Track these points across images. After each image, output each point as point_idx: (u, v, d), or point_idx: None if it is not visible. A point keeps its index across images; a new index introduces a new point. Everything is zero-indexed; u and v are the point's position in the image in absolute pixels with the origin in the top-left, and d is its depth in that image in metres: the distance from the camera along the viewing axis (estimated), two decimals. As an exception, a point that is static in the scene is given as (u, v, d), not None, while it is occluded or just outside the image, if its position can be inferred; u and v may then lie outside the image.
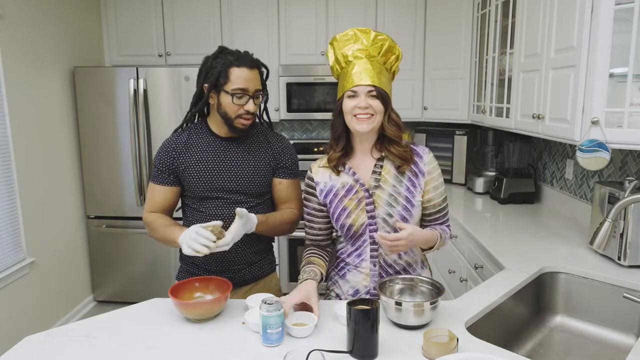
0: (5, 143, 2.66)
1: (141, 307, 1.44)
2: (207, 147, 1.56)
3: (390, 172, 1.43)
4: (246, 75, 1.47)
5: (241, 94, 1.47)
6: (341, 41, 1.41)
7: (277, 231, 1.62)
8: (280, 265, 3.54)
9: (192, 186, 1.55)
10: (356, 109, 1.35)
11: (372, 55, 1.38)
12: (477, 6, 3.09)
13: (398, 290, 1.39)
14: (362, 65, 1.37)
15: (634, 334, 1.57)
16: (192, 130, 1.59)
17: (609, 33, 1.64)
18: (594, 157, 1.70)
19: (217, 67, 1.48)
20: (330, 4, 3.51)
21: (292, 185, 1.66)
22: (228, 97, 1.47)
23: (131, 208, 3.41)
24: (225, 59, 1.48)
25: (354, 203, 1.43)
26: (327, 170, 1.48)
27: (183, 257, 1.67)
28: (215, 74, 1.47)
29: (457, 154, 3.42)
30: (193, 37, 3.56)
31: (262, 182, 1.59)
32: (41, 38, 2.96)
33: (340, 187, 1.45)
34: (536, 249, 1.94)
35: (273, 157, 1.61)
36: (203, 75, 1.52)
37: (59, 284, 3.16)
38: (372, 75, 1.36)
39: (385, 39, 1.40)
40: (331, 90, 3.51)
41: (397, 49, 1.43)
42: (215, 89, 1.49)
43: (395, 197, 1.41)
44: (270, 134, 1.65)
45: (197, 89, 1.56)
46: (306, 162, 4.36)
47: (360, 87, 1.35)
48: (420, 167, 1.44)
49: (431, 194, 1.44)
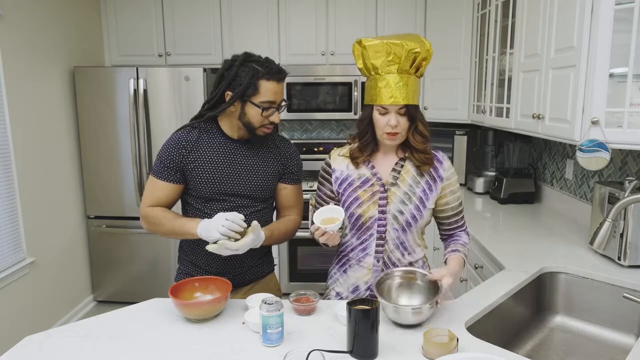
0: (5, 143, 2.66)
1: (141, 307, 1.44)
2: (218, 148, 1.53)
3: (410, 172, 1.45)
4: (275, 88, 1.46)
5: (269, 106, 1.46)
6: (370, 51, 1.35)
7: (279, 242, 1.62)
8: (280, 265, 3.54)
9: (198, 186, 1.52)
10: (387, 127, 1.36)
11: (404, 70, 1.34)
12: (477, 6, 3.09)
13: (396, 285, 1.39)
14: (392, 81, 1.33)
15: (634, 334, 1.57)
16: (203, 129, 1.54)
17: (609, 33, 1.64)
18: (594, 157, 1.70)
19: (245, 77, 1.43)
20: (330, 4, 3.51)
21: (296, 191, 1.66)
22: (255, 109, 1.45)
23: (131, 208, 3.41)
24: (253, 70, 1.43)
25: (367, 195, 1.44)
26: (346, 159, 1.50)
27: (182, 258, 1.67)
28: (244, 85, 1.43)
29: (457, 154, 3.42)
30: (193, 37, 3.56)
31: (268, 187, 1.59)
32: (41, 38, 2.96)
33: (357, 177, 1.47)
34: (536, 249, 1.94)
35: (280, 163, 1.61)
36: (227, 81, 1.46)
37: (59, 284, 3.16)
38: (402, 93, 1.34)
39: (418, 52, 1.33)
40: (331, 91, 3.51)
41: (429, 54, 1.37)
42: (241, 99, 1.46)
43: (409, 196, 1.43)
44: (278, 138, 1.64)
45: (217, 93, 1.49)
46: (306, 162, 4.35)
47: (390, 107, 1.35)
48: (439, 173, 1.46)
49: (448, 197, 1.47)
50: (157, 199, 1.53)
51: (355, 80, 3.48)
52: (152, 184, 1.53)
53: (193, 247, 1.59)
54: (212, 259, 1.57)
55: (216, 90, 1.50)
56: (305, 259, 3.52)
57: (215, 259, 1.57)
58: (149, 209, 1.52)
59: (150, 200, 1.53)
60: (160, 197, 1.53)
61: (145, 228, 1.56)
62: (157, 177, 1.52)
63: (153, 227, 1.53)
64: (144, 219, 1.54)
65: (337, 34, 3.54)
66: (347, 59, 3.53)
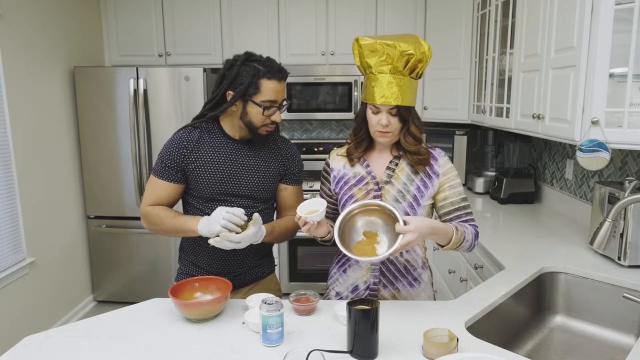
0: (5, 143, 2.66)
1: (141, 307, 1.44)
2: (219, 148, 1.53)
3: (404, 170, 1.45)
4: (277, 87, 1.46)
5: (270, 105, 1.46)
6: (365, 50, 1.36)
7: (280, 240, 1.62)
8: (281, 265, 3.54)
9: (199, 186, 1.52)
10: (378, 125, 1.38)
11: (397, 70, 1.34)
12: (477, 6, 3.09)
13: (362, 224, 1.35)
14: (384, 81, 1.34)
15: (634, 334, 1.57)
16: (204, 129, 1.54)
17: (609, 33, 1.64)
18: (594, 157, 1.70)
19: (246, 76, 1.43)
20: (330, 4, 3.51)
21: (296, 192, 1.66)
22: (257, 108, 1.45)
23: (131, 208, 3.41)
24: (254, 69, 1.43)
25: (362, 193, 1.45)
26: (344, 159, 1.51)
27: (182, 258, 1.67)
28: (245, 84, 1.43)
29: (457, 154, 3.42)
30: (193, 37, 3.56)
31: (269, 188, 1.59)
32: (41, 38, 2.96)
33: (352, 176, 1.48)
34: (536, 249, 1.94)
35: (282, 163, 1.61)
36: (228, 81, 1.46)
37: (59, 284, 3.16)
38: (394, 94, 1.34)
39: (411, 54, 1.32)
40: (331, 91, 3.51)
41: (426, 56, 1.35)
42: (242, 98, 1.46)
43: (403, 194, 1.43)
44: (279, 139, 1.64)
45: (219, 93, 1.50)
46: (306, 162, 4.36)
47: (382, 106, 1.36)
48: (435, 169, 1.45)
49: (447, 192, 1.45)
50: (158, 199, 1.52)
51: (355, 80, 3.48)
52: (153, 183, 1.53)
53: (194, 247, 1.59)
54: (212, 259, 1.57)
55: (218, 90, 1.50)
56: (305, 259, 3.52)
57: (216, 259, 1.56)
58: (150, 207, 1.52)
59: (151, 200, 1.53)
60: (161, 197, 1.52)
61: (145, 227, 1.56)
62: (158, 177, 1.52)
63: (154, 226, 1.53)
64: (144, 217, 1.54)
65: (337, 34, 3.54)
66: (347, 59, 3.53)
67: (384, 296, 1.49)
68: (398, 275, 1.49)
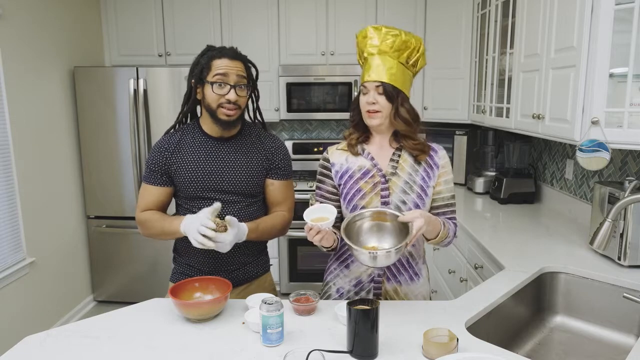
0: (5, 143, 2.67)
1: (141, 307, 1.44)
2: (199, 147, 1.56)
3: (408, 161, 1.47)
4: (226, 64, 1.49)
5: (221, 81, 1.48)
6: (360, 37, 1.45)
7: (268, 237, 1.62)
8: (280, 265, 3.54)
9: (184, 186, 1.55)
10: (366, 104, 1.41)
11: (384, 52, 1.40)
12: (477, 6, 3.09)
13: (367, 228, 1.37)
14: (374, 62, 1.40)
15: (634, 334, 1.57)
16: (185, 130, 1.59)
17: (609, 33, 1.64)
18: (594, 157, 1.70)
19: (202, 62, 1.51)
20: (330, 4, 3.51)
21: (284, 187, 1.65)
22: (209, 87, 1.49)
23: (131, 208, 3.41)
24: (209, 54, 1.51)
25: (369, 186, 1.45)
26: (345, 152, 1.52)
27: (176, 259, 1.68)
28: (199, 68, 1.50)
29: (457, 153, 3.42)
30: (193, 37, 3.56)
31: (254, 183, 1.59)
32: (41, 38, 2.96)
33: (357, 169, 1.47)
34: (536, 249, 1.94)
35: (266, 158, 1.61)
36: (190, 72, 1.56)
37: (59, 284, 3.16)
38: (380, 71, 1.38)
39: (396, 34, 1.39)
40: (331, 90, 3.51)
41: (412, 42, 1.41)
42: (200, 83, 1.52)
43: (410, 185, 1.44)
44: (264, 135, 1.65)
45: (187, 88, 1.58)
46: (306, 162, 4.35)
47: (368, 83, 1.40)
48: (435, 160, 1.49)
49: (442, 186, 1.49)
50: (149, 203, 1.58)
51: (355, 80, 3.48)
52: (143, 189, 1.59)
53: (185, 248, 1.60)
54: (205, 258, 1.58)
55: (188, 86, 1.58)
56: (305, 259, 3.52)
57: (209, 259, 1.58)
58: (142, 214, 1.58)
59: (142, 206, 1.59)
60: (151, 201, 1.58)
61: (142, 234, 1.61)
62: (146, 182, 1.58)
63: (147, 231, 1.58)
64: (139, 224, 1.59)
65: (337, 34, 3.54)
66: (347, 59, 3.53)
67: (386, 289, 1.49)
68: (401, 268, 1.49)
